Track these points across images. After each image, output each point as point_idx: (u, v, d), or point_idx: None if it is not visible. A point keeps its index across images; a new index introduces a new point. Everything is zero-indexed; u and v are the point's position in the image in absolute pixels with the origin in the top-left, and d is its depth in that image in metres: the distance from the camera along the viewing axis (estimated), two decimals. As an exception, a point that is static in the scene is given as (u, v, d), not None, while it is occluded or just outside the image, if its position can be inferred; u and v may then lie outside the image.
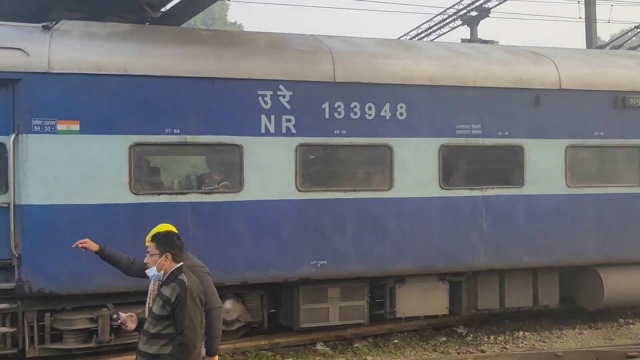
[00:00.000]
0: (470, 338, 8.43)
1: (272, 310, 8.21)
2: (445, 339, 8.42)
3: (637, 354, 7.00)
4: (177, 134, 7.15)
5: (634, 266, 8.85)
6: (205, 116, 7.24)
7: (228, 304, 7.56)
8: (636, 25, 13.16)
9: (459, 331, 8.69)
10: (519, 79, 8.33)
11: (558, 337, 8.48)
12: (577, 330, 8.78)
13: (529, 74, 8.39)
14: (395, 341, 8.27)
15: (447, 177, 8.11)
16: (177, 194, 7.23)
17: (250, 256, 7.30)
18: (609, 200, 8.64)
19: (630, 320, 9.23)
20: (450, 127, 8.09)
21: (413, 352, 7.88)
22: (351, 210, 7.70)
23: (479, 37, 14.18)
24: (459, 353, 7.68)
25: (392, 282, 8.17)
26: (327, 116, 7.64)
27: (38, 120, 6.69)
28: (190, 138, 7.20)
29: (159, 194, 7.16)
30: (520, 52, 8.92)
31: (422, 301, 8.27)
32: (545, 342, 8.24)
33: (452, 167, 8.25)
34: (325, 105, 7.63)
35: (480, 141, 8.19)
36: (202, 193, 7.28)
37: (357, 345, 8.07)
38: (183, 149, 7.40)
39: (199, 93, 7.22)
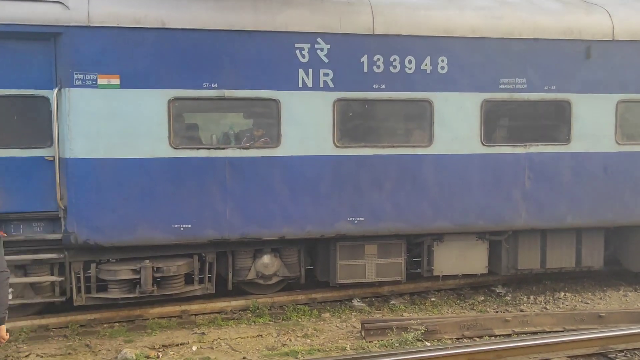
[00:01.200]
0: (509, 298, 8.33)
1: (309, 267, 8.28)
2: (483, 298, 8.34)
3: (685, 316, 6.78)
4: (214, 88, 7.12)
5: (685, 227, 8.50)
6: (243, 70, 7.18)
7: (266, 258, 7.66)
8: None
9: (498, 291, 8.59)
10: (569, 30, 7.91)
11: (601, 298, 8.29)
12: (621, 292, 8.56)
13: (579, 24, 7.96)
14: (432, 299, 8.24)
15: (489, 133, 7.86)
16: (215, 148, 7.25)
17: (288, 211, 7.32)
18: (661, 159, 8.24)
19: (679, 283, 8.93)
20: (493, 82, 7.80)
21: (450, 310, 7.85)
22: (389, 166, 7.59)
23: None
24: (497, 312, 7.59)
25: (430, 240, 8.09)
26: (365, 70, 7.46)
27: (79, 74, 6.76)
28: (227, 92, 7.17)
29: (198, 149, 7.20)
30: (571, 1, 8.44)
31: (460, 260, 8.17)
32: (587, 303, 8.07)
33: (494, 123, 7.98)
34: (364, 59, 7.45)
35: (525, 96, 7.88)
36: (240, 148, 7.29)
37: (393, 302, 8.08)
38: (221, 104, 7.38)
39: (236, 47, 7.15)
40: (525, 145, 7.95)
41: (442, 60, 7.67)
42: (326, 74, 7.37)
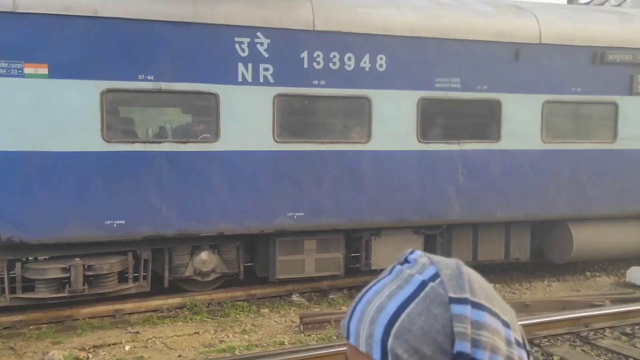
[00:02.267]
0: (443, 289, 8.59)
1: (249, 263, 8.22)
2: (418, 290, 8.56)
3: (601, 303, 7.23)
4: (150, 80, 6.92)
5: (603, 221, 9.07)
6: (181, 63, 7.02)
7: (204, 254, 7.53)
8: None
9: (433, 283, 8.84)
10: (500, 32, 8.25)
11: (527, 289, 8.71)
12: (546, 282, 9.03)
13: (510, 27, 8.31)
14: (369, 292, 8.37)
15: (425, 130, 8.08)
16: (151, 142, 7.06)
17: (227, 207, 7.23)
18: (582, 156, 8.75)
19: (597, 273, 9.53)
20: (429, 80, 8.01)
21: (387, 302, 7.99)
22: (329, 162, 7.65)
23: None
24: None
25: (368, 235, 8.22)
26: (305, 66, 7.48)
27: (4, 62, 6.39)
28: (164, 85, 6.98)
29: (133, 143, 6.98)
30: (502, 4, 8.79)
31: (396, 254, 8.22)
32: (515, 293, 8.46)
33: (430, 120, 8.21)
34: (304, 55, 7.46)
35: (459, 95, 8.15)
36: (177, 142, 7.12)
37: (332, 296, 8.16)
38: (158, 97, 7.18)
39: (174, 38, 6.98)
40: (459, 143, 8.22)
41: (381, 58, 7.80)
42: (266, 69, 7.33)
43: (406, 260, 0.85)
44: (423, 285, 0.79)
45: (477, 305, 0.75)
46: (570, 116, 8.88)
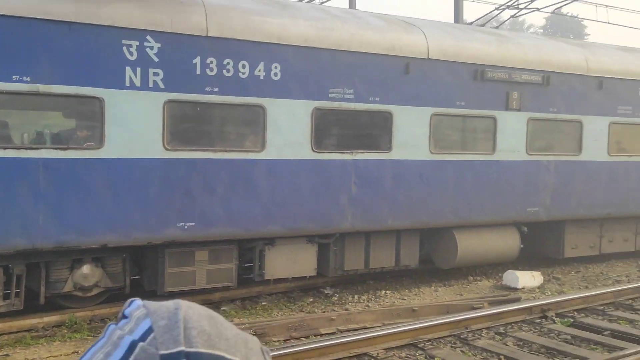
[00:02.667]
0: (336, 298, 8.73)
1: (136, 277, 7.86)
2: (312, 299, 8.64)
3: (481, 305, 7.68)
4: (27, 82, 6.43)
5: (485, 228, 9.66)
6: (61, 65, 6.60)
7: (85, 268, 7.09)
8: (497, 7, 14.10)
9: (326, 292, 8.96)
10: (391, 47, 8.55)
11: (416, 294, 9.06)
12: (432, 287, 9.45)
13: (400, 42, 8.64)
14: (263, 303, 8.32)
15: (319, 140, 8.17)
16: (26, 148, 6.55)
17: (111, 217, 6.86)
18: (466, 167, 9.27)
19: (478, 278, 10.12)
20: (323, 91, 8.13)
21: (280, 313, 7.99)
22: (222, 171, 7.51)
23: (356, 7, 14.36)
24: (324, 312, 7.90)
25: (261, 245, 8.15)
26: (198, 72, 7.31)
27: None
28: (42, 87, 6.52)
29: (5, 148, 6.43)
30: (393, 20, 9.14)
31: (290, 263, 8.36)
32: (404, 299, 8.77)
33: (324, 130, 8.32)
34: (197, 61, 7.29)
35: (352, 106, 8.33)
36: (56, 149, 6.66)
37: (224, 308, 8.00)
38: (35, 100, 6.68)
39: (54, 38, 6.54)
40: (352, 153, 8.40)
41: (276, 67, 7.80)
42: (156, 74, 7.07)
43: (124, 315, 0.73)
44: (132, 347, 0.70)
45: (193, 356, 0.68)
46: (455, 129, 9.39)
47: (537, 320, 7.26)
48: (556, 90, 9.93)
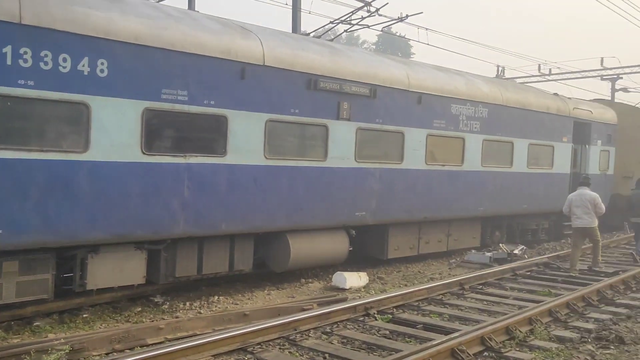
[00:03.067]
0: (166, 306, 8.41)
1: None
2: (140, 309, 8.22)
3: (310, 307, 7.95)
4: None
5: (317, 232, 10.04)
6: None
7: None
8: (331, 20, 14.82)
9: (156, 300, 8.59)
10: (227, 50, 8.51)
11: (249, 298, 9.09)
12: (266, 291, 9.56)
13: (236, 47, 8.64)
14: (84, 315, 7.72)
15: (150, 142, 7.83)
16: None
17: None
18: (299, 173, 9.56)
19: (310, 280, 10.48)
20: (156, 91, 7.82)
21: (104, 324, 7.47)
22: (36, 173, 6.83)
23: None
24: (152, 321, 7.57)
25: (84, 253, 7.57)
26: (9, 62, 6.58)
27: None
28: None
29: None
30: (230, 24, 9.12)
31: (116, 271, 7.87)
32: (237, 304, 8.75)
33: (156, 132, 7.98)
34: (7, 50, 6.56)
35: (186, 108, 8.13)
36: None
37: (37, 323, 7.25)
38: None
39: None
40: (185, 156, 8.19)
41: (102, 63, 7.33)
42: (-45, 61, 6.21)
43: None
44: None
45: None
46: (290, 135, 9.61)
47: (361, 318, 7.71)
48: (382, 102, 10.71)
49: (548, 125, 15.19)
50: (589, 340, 7.09)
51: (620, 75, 30.65)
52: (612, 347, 6.86)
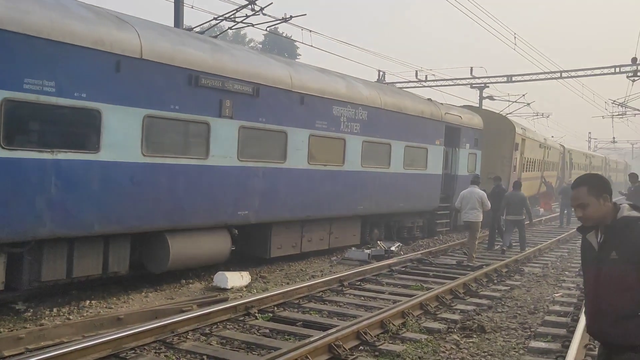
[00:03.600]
0: (29, 313, 7.76)
1: None
2: (-2, 317, 7.52)
3: (189, 308, 7.75)
4: None
5: (198, 231, 9.82)
6: None
7: None
8: (215, 17, 14.58)
9: (17, 307, 7.90)
10: (100, 41, 8.04)
11: (125, 302, 8.66)
12: (143, 293, 9.17)
13: (110, 38, 8.18)
14: None
15: (10, 136, 7.18)
16: None
17: None
18: (180, 171, 9.28)
19: (191, 280, 10.22)
20: (16, 80, 7.18)
21: (-45, 337, 6.72)
22: None
23: None
24: (11, 331, 6.95)
25: None
26: None
27: None
28: None
29: None
30: (104, 13, 8.62)
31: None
32: (112, 308, 8.30)
33: (17, 125, 7.33)
34: None
35: (54, 100, 7.56)
36: None
37: None
38: None
39: None
40: (53, 152, 7.61)
41: (-50, 46, 6.60)
42: None
43: None
44: None
45: None
46: (169, 132, 9.29)
47: (241, 318, 7.67)
48: (265, 102, 10.71)
49: (422, 129, 16.12)
50: (455, 330, 7.63)
51: (487, 84, 33.31)
52: (474, 335, 7.43)
